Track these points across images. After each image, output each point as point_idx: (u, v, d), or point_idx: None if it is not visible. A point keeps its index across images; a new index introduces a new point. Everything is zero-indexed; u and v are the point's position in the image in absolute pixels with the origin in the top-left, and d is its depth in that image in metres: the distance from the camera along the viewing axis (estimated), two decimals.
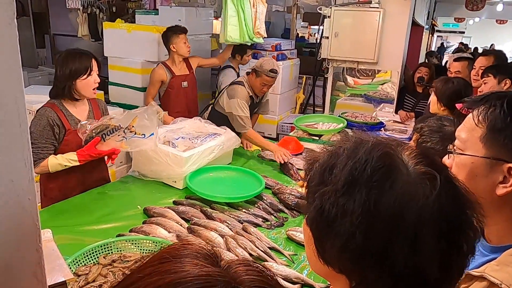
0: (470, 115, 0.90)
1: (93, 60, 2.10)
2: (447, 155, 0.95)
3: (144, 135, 1.95)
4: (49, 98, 2.18)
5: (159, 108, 3.31)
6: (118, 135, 2.01)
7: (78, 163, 2.03)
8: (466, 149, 0.89)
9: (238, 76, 3.90)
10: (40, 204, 2.23)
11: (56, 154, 2.08)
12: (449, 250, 0.56)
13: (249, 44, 3.88)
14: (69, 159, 2.03)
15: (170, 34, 3.41)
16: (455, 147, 0.92)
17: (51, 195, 2.19)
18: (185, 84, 3.56)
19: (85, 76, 2.07)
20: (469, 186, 0.74)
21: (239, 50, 4.01)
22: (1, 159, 0.46)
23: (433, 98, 2.50)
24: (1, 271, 0.50)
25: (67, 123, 2.12)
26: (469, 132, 0.89)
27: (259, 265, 0.52)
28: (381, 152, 0.59)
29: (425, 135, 1.50)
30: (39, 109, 2.12)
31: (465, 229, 0.58)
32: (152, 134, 1.97)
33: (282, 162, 2.66)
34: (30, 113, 3.54)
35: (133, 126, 2.00)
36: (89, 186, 2.26)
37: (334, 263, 0.60)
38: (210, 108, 3.41)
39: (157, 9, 4.84)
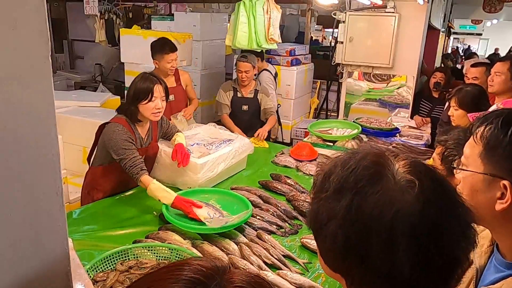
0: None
1: (156, 85, 2.15)
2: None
3: (227, 222, 1.90)
4: (66, 104, 2.30)
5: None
6: (214, 213, 1.99)
7: (169, 204, 2.00)
8: (469, 165, 0.92)
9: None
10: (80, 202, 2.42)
11: None
12: (426, 252, 0.59)
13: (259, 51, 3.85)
14: (163, 197, 2.02)
15: (156, 49, 3.18)
16: (461, 163, 0.95)
17: (96, 196, 2.28)
18: (171, 97, 3.17)
19: (145, 101, 2.13)
20: (471, 201, 0.78)
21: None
22: (33, 189, 0.48)
23: (456, 113, 2.47)
24: None
25: (135, 140, 2.19)
26: (471, 148, 0.92)
27: (262, 278, 0.53)
28: (369, 160, 0.64)
29: (451, 148, 1.45)
30: (111, 124, 2.16)
31: (451, 235, 0.61)
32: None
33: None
34: None
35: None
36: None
37: (328, 262, 0.67)
38: None
39: (173, 15, 4.91)
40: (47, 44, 0.44)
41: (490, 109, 1.98)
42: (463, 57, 11.41)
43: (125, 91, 4.17)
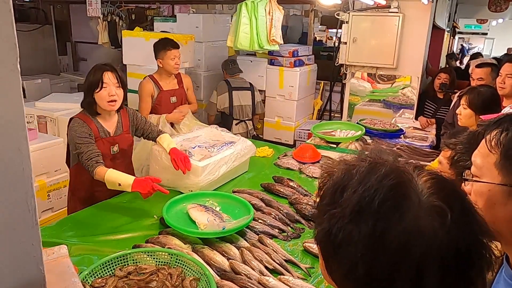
0: (484, 139, 0.84)
1: (106, 73, 2.15)
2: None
3: (224, 228, 1.86)
4: (68, 106, 2.32)
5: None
6: (214, 219, 1.94)
7: (129, 189, 2.02)
8: (482, 176, 0.83)
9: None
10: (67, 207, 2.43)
11: None
12: (456, 285, 0.56)
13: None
14: (122, 183, 2.02)
15: (159, 48, 3.22)
16: (471, 174, 0.87)
17: (79, 195, 2.30)
18: (173, 99, 3.32)
19: (98, 89, 2.14)
20: (488, 214, 0.71)
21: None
22: (3, 207, 0.45)
23: (464, 112, 2.43)
24: None
25: (97, 132, 2.21)
26: (484, 158, 0.83)
27: None
28: (394, 181, 0.58)
29: (462, 152, 1.37)
30: (73, 119, 2.19)
31: (476, 261, 0.57)
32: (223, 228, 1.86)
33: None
34: (51, 120, 3.62)
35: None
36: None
37: (339, 286, 0.62)
38: None
39: (175, 16, 4.89)
40: (14, 50, 0.41)
41: (503, 111, 1.93)
42: (460, 55, 11.44)
43: (127, 93, 4.17)
